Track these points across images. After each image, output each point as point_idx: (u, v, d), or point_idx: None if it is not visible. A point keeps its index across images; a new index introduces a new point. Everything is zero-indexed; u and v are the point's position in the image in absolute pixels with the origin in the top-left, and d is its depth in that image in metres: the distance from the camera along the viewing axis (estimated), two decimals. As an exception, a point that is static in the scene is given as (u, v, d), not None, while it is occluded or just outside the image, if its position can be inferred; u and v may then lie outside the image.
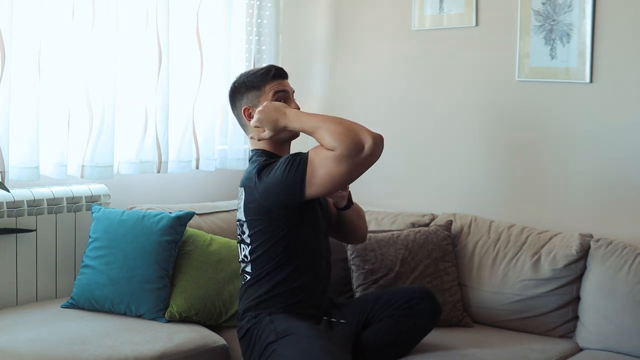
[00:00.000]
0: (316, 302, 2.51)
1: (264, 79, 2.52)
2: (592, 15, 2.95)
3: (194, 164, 3.45)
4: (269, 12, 3.63)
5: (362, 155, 2.22)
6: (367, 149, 2.21)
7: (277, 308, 2.43)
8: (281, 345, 2.30)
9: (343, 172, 2.24)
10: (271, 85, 2.52)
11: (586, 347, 2.74)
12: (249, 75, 2.57)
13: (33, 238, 2.90)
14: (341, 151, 2.21)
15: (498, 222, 3.11)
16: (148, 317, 2.74)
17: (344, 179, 2.27)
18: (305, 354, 2.23)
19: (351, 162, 2.22)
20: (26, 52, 2.81)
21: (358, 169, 2.25)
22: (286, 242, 2.41)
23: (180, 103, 3.35)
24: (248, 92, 2.53)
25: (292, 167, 2.30)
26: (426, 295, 2.60)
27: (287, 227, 2.40)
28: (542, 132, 3.16)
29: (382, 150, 2.25)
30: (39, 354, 2.31)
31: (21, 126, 2.85)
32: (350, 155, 2.21)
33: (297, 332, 2.32)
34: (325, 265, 2.55)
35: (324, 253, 2.55)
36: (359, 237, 2.74)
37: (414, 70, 3.55)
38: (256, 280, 2.46)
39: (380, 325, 2.54)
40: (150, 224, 2.84)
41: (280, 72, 2.56)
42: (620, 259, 2.72)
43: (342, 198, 2.60)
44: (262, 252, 2.43)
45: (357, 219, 2.68)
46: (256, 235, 2.43)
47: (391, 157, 3.62)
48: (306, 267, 2.47)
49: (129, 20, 3.13)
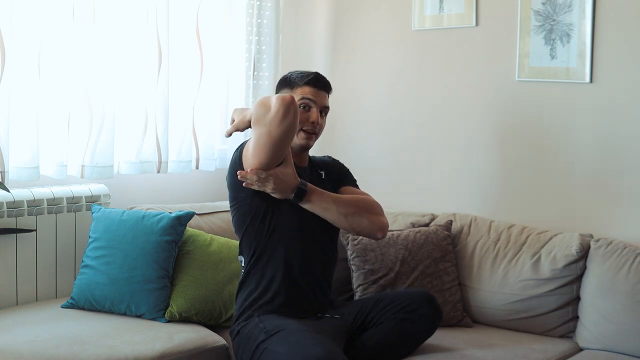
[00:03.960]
0: (305, 300, 2.52)
1: (302, 81, 2.56)
2: (592, 15, 2.95)
3: (194, 164, 3.45)
4: (269, 12, 3.63)
5: (270, 115, 2.31)
6: (274, 108, 2.31)
7: (264, 310, 2.47)
8: (272, 343, 2.32)
9: (260, 135, 2.35)
10: (303, 89, 2.55)
11: (586, 347, 2.74)
12: (295, 72, 2.61)
13: (33, 238, 2.89)
14: (255, 117, 2.37)
15: (498, 222, 3.12)
16: (148, 317, 2.74)
17: (264, 142, 2.34)
18: (296, 347, 2.24)
19: (262, 123, 2.33)
20: (26, 52, 2.81)
21: (274, 131, 2.31)
22: (254, 230, 2.50)
23: (180, 103, 3.35)
24: (284, 87, 2.60)
25: (237, 151, 2.51)
26: (428, 300, 2.58)
27: (251, 213, 2.50)
28: (542, 132, 3.16)
29: (293, 108, 2.31)
30: (39, 354, 2.31)
31: (21, 126, 2.85)
32: (260, 117, 2.34)
33: (286, 328, 2.34)
34: (316, 263, 2.55)
35: (309, 250, 2.53)
36: (363, 232, 2.58)
37: (414, 70, 3.55)
38: (245, 275, 2.54)
39: (381, 328, 2.54)
40: (150, 224, 2.84)
41: (320, 82, 2.57)
42: (620, 259, 2.72)
43: (280, 189, 2.42)
44: (244, 237, 2.55)
45: (330, 215, 2.48)
46: (235, 223, 2.58)
47: (391, 156, 3.64)
48: (282, 261, 2.49)
49: (129, 20, 3.13)
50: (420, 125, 3.54)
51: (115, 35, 3.06)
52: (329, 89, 2.61)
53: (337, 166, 2.76)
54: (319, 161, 2.74)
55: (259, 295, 2.50)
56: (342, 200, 2.53)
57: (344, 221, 2.51)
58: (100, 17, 3.00)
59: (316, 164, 2.71)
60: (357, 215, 2.52)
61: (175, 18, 3.28)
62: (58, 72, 2.95)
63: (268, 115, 2.32)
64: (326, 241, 2.61)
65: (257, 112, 2.37)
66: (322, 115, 2.59)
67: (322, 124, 2.58)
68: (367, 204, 2.57)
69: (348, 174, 2.76)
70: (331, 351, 2.22)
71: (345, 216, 2.50)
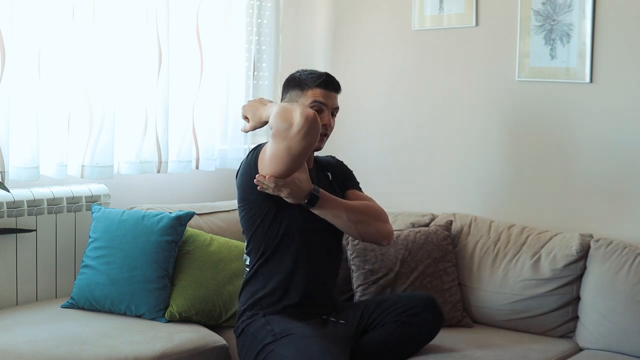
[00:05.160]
0: (311, 301, 2.52)
1: (312, 82, 2.54)
2: (592, 15, 2.95)
3: (194, 164, 3.45)
4: (269, 12, 3.63)
5: (292, 131, 2.28)
6: (296, 125, 2.27)
7: (270, 310, 2.47)
8: (280, 346, 2.31)
9: (279, 148, 2.32)
10: (314, 92, 2.53)
11: (586, 347, 2.74)
12: (304, 72, 2.58)
13: (33, 238, 2.89)
14: (275, 129, 2.33)
15: (498, 222, 3.12)
16: (148, 317, 2.74)
17: (283, 156, 2.32)
18: (305, 353, 2.23)
19: (283, 137, 2.30)
20: (26, 52, 2.81)
21: (295, 147, 2.29)
22: (270, 221, 2.48)
23: (180, 103, 3.35)
24: (293, 89, 2.57)
25: (251, 153, 2.50)
26: (430, 303, 2.57)
27: (265, 207, 2.48)
28: (542, 132, 3.16)
29: (315, 126, 2.29)
30: (39, 354, 2.31)
31: (21, 126, 2.84)
32: (281, 131, 2.31)
33: (295, 332, 2.33)
34: (322, 263, 2.56)
35: (315, 251, 2.54)
36: (369, 238, 2.59)
37: (414, 70, 3.55)
38: (251, 274, 2.54)
39: (382, 330, 2.53)
40: (150, 224, 2.84)
41: (331, 84, 2.56)
42: (620, 259, 2.72)
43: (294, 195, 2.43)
44: (252, 238, 2.54)
45: (337, 220, 2.50)
46: (244, 223, 2.56)
47: (391, 156, 3.64)
48: (290, 263, 2.49)
49: (129, 20, 3.13)
50: (420, 125, 3.54)
51: (115, 36, 3.06)
52: (339, 89, 2.60)
53: (342, 168, 2.78)
54: (324, 161, 2.74)
55: (264, 295, 2.49)
56: (352, 207, 2.53)
57: (352, 228, 2.52)
58: (100, 17, 3.00)
59: (322, 164, 2.71)
60: (366, 223, 2.54)
61: (175, 18, 3.28)
62: (58, 72, 2.95)
63: (290, 130, 2.28)
64: (331, 242, 2.61)
65: (277, 125, 2.32)
66: (332, 116, 2.59)
67: (332, 125, 2.58)
68: (375, 212, 2.59)
69: (353, 177, 2.77)
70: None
71: (355, 223, 2.52)
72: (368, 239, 2.59)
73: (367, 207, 2.59)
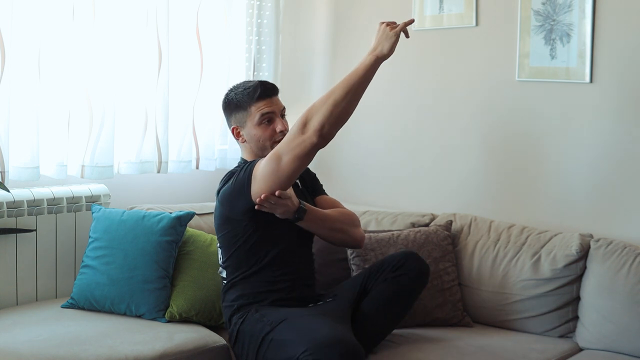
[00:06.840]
0: (298, 294, 2.57)
1: (250, 99, 2.55)
2: (592, 15, 2.95)
3: (194, 164, 3.45)
4: (269, 12, 3.63)
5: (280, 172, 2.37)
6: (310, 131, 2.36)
7: (260, 305, 2.50)
8: (278, 332, 2.35)
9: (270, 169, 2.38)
10: (257, 106, 2.56)
11: (586, 347, 2.74)
12: (237, 92, 2.60)
13: (33, 238, 2.90)
14: (261, 173, 2.40)
15: (498, 222, 3.11)
16: (148, 317, 2.74)
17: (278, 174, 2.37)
18: (304, 331, 2.27)
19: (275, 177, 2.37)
20: (26, 52, 2.81)
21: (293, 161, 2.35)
22: (250, 244, 2.52)
23: (180, 103, 3.35)
24: (236, 111, 2.59)
25: (242, 171, 2.49)
26: (411, 255, 2.66)
27: (248, 230, 2.51)
28: (542, 132, 3.16)
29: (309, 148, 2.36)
30: (39, 354, 2.31)
31: (21, 126, 2.85)
32: (270, 173, 2.38)
33: (290, 316, 2.39)
34: (304, 267, 2.63)
35: (297, 254, 2.60)
36: (343, 244, 2.73)
37: (413, 70, 3.55)
38: (232, 284, 2.57)
39: (376, 292, 2.60)
40: (150, 224, 2.84)
41: (267, 91, 2.57)
42: (620, 259, 2.72)
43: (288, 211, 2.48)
44: (231, 256, 2.55)
45: (318, 230, 2.60)
46: (222, 240, 2.57)
47: (391, 157, 3.64)
48: (270, 271, 2.54)
49: (129, 20, 3.13)
50: (420, 125, 3.54)
51: (115, 35, 3.06)
52: (277, 90, 2.63)
53: (308, 174, 2.81)
54: None
55: (249, 298, 2.54)
56: (331, 217, 2.62)
57: (330, 235, 2.62)
58: (100, 17, 3.01)
59: None
60: (343, 231, 2.64)
61: (175, 18, 3.29)
62: (58, 72, 2.95)
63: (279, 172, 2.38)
64: (306, 246, 2.68)
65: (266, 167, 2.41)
66: (283, 117, 2.61)
67: (287, 126, 2.59)
68: (350, 219, 2.68)
69: (318, 181, 2.83)
70: (338, 330, 2.28)
71: (334, 232, 2.62)
72: (343, 244, 2.71)
73: (343, 214, 2.67)
